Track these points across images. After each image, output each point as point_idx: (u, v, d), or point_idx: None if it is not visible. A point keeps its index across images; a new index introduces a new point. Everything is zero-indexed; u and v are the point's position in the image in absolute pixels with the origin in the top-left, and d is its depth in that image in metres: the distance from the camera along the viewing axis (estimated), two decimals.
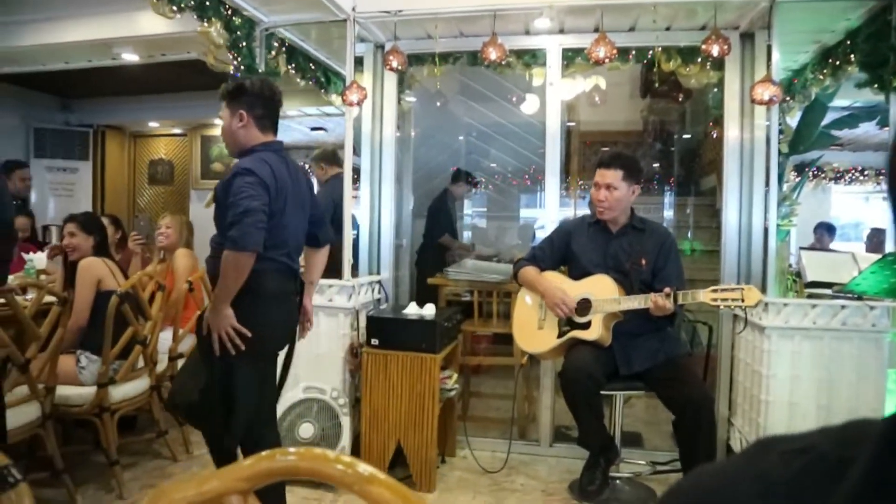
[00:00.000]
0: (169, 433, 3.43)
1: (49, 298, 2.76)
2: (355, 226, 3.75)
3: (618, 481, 3.05)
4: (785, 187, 3.48)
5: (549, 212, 3.65)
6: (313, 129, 6.79)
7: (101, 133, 7.13)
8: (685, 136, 6.07)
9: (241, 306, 2.21)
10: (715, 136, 3.77)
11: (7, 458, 0.91)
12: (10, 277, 3.63)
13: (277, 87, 2.37)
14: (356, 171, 3.67)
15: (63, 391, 2.93)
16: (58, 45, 3.70)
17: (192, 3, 2.63)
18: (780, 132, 3.29)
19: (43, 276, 3.41)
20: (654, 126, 6.16)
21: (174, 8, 2.54)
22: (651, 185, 6.12)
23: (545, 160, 3.63)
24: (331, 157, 4.35)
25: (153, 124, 7.22)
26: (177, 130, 7.29)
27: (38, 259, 3.42)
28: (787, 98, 3.49)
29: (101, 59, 4.01)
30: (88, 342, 3.02)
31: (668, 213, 6.21)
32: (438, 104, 4.40)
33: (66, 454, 3.03)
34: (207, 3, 2.74)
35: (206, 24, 2.85)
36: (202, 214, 6.73)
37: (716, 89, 3.57)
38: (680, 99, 5.08)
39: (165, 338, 3.56)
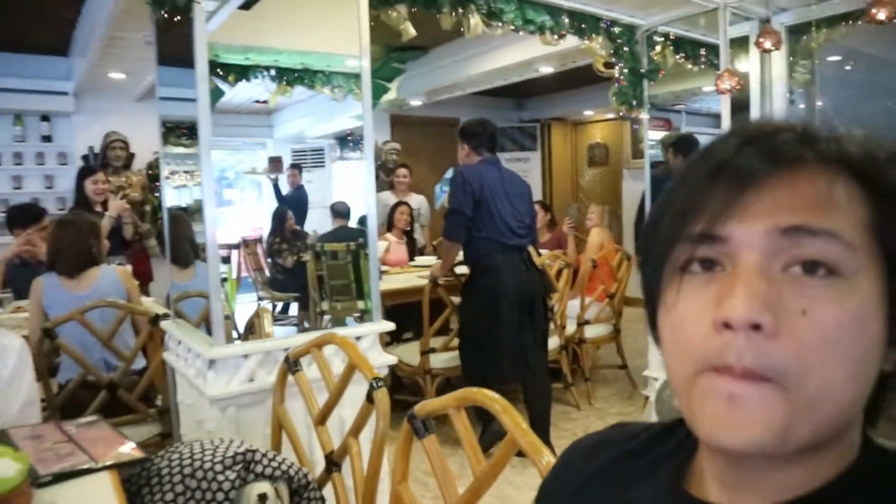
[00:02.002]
0: (576, 385, 4.12)
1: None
2: None
3: None
4: None
5: None
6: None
7: (547, 125, 8.30)
8: None
9: (473, 275, 3.25)
10: None
11: (376, 372, 1.56)
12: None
13: (488, 123, 3.40)
14: None
15: None
16: (494, 70, 4.71)
17: (571, 29, 3.12)
18: None
19: None
20: None
21: (555, 37, 3.08)
22: None
23: None
24: (676, 143, 4.12)
25: (588, 112, 8.04)
26: (610, 115, 7.95)
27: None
28: None
29: (526, 74, 4.90)
30: None
31: None
32: (852, 64, 3.89)
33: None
34: (584, 26, 3.19)
35: (588, 41, 3.30)
36: (635, 192, 7.25)
37: None
38: None
39: (574, 305, 4.24)
